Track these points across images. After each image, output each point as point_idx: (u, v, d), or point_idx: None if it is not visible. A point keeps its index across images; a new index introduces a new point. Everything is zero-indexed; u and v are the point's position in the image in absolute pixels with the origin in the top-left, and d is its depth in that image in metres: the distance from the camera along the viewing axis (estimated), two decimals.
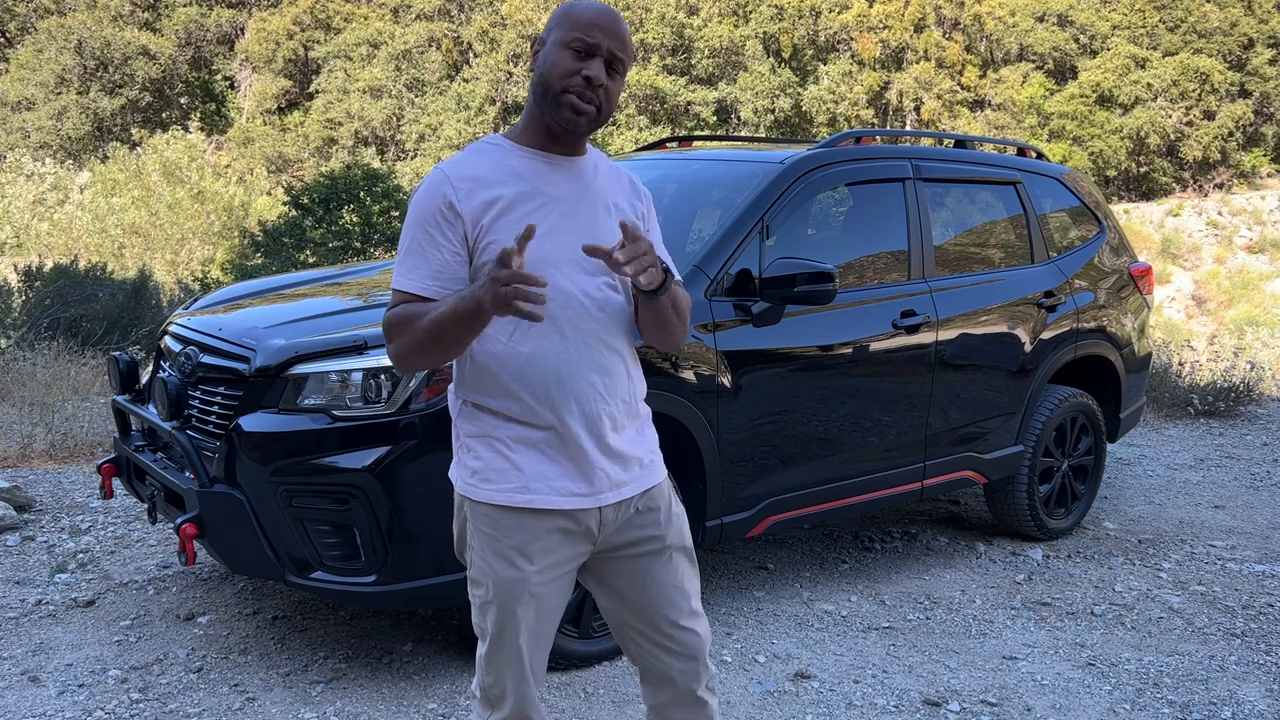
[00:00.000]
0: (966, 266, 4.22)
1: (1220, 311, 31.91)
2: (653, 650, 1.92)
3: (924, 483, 3.97)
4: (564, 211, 1.75)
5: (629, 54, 1.76)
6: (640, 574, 1.88)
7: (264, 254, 12.71)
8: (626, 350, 1.83)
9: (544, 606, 1.82)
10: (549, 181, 1.76)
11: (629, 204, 1.86)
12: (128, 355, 3.67)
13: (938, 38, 42.75)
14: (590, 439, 1.77)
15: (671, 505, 1.92)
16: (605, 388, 1.78)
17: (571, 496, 1.77)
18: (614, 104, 1.77)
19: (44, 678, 3.00)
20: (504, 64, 41.80)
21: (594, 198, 1.79)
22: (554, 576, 1.81)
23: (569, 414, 1.75)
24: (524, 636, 1.81)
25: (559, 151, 1.78)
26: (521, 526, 1.77)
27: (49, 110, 38.40)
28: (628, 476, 1.83)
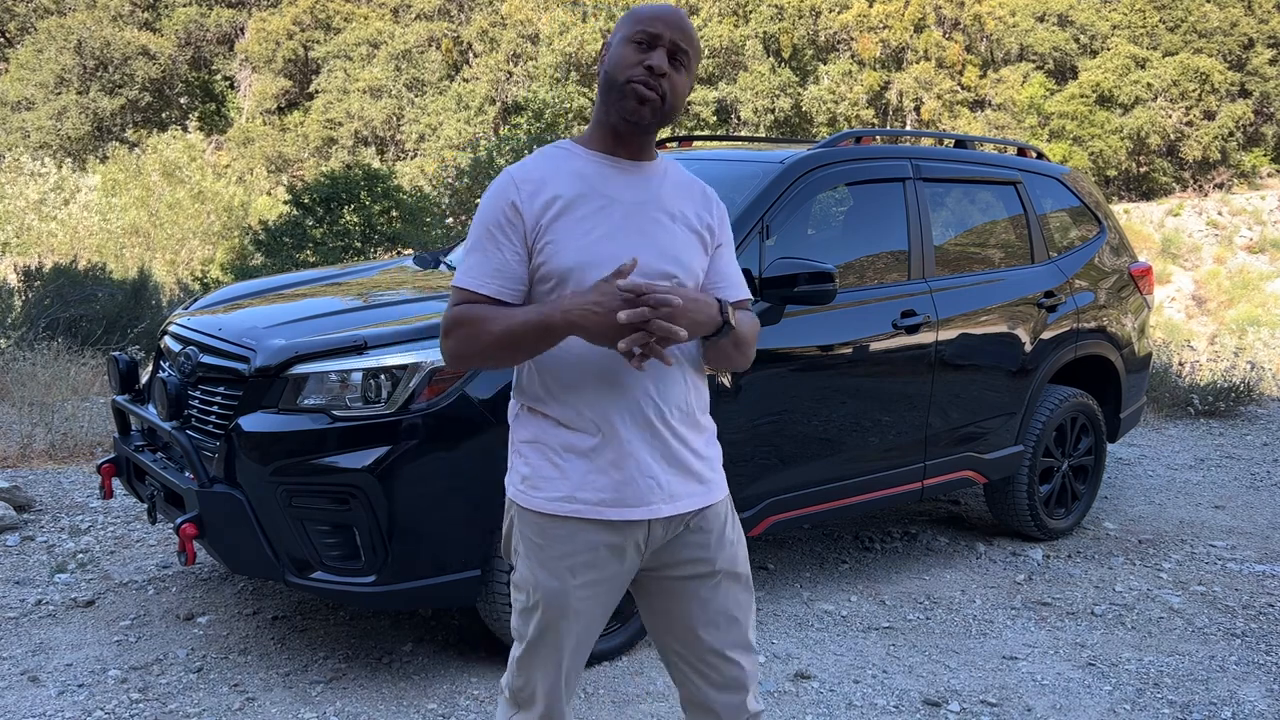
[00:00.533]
0: (967, 266, 4.22)
1: (1220, 311, 31.91)
2: (694, 678, 1.85)
3: (924, 483, 3.97)
4: (625, 214, 1.72)
5: (694, 48, 1.73)
6: (686, 597, 1.81)
7: (264, 253, 12.70)
8: (687, 357, 1.77)
9: (585, 619, 1.78)
10: (612, 184, 1.74)
11: (695, 214, 1.80)
12: (128, 355, 3.67)
13: (938, 38, 42.75)
14: (642, 447, 1.72)
15: (727, 529, 1.83)
16: (659, 394, 1.72)
17: (620, 508, 1.71)
18: (680, 97, 1.73)
19: (44, 678, 3.00)
20: (504, 64, 41.81)
21: (657, 204, 1.76)
22: (598, 591, 1.76)
23: (620, 420, 1.71)
24: (562, 646, 1.78)
25: (625, 155, 1.76)
26: (567, 537, 1.73)
27: (49, 110, 38.41)
28: (684, 490, 1.76)
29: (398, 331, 2.94)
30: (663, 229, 1.74)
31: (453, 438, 2.84)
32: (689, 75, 1.74)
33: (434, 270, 4.06)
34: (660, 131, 1.83)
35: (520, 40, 41.68)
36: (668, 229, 1.75)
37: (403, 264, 4.39)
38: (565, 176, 1.73)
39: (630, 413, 1.71)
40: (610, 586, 1.78)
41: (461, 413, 2.85)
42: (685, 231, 1.77)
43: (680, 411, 1.76)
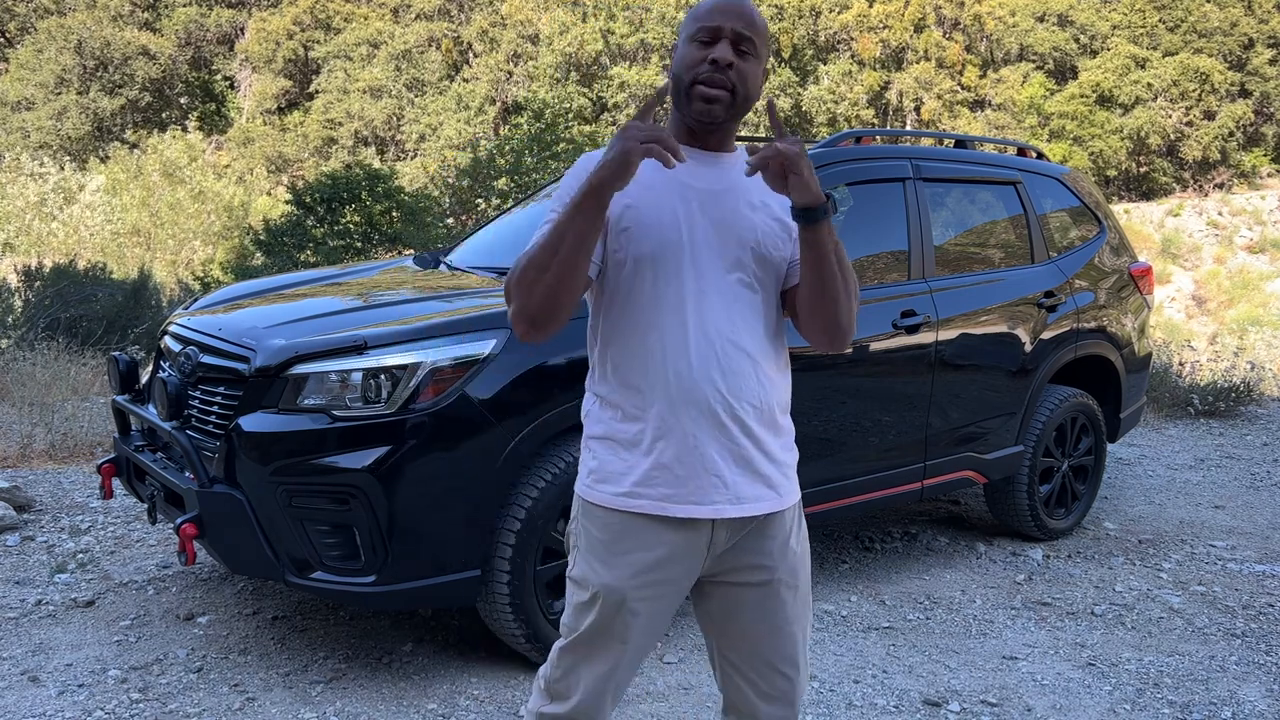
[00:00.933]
0: (967, 266, 4.22)
1: (1220, 311, 31.90)
2: (742, 685, 1.80)
3: (924, 483, 3.97)
4: (700, 203, 1.69)
5: (759, 34, 1.69)
6: (743, 604, 1.76)
7: (265, 253, 12.70)
8: (760, 352, 1.71)
9: (643, 620, 1.73)
10: (690, 174, 1.70)
11: (778, 202, 1.73)
12: (128, 355, 3.67)
13: (938, 38, 42.74)
14: (709, 444, 1.67)
15: (792, 539, 1.78)
16: (729, 389, 1.67)
17: (682, 505, 1.68)
18: (752, 85, 1.68)
19: (44, 678, 3.00)
20: (504, 64, 41.80)
21: (734, 192, 1.72)
22: (657, 592, 1.72)
23: (687, 415, 1.66)
24: (615, 645, 1.74)
25: (702, 147, 1.74)
26: (628, 534, 1.70)
27: (49, 110, 38.40)
28: (752, 492, 1.70)
29: (398, 331, 2.94)
30: (741, 217, 1.71)
31: (453, 438, 2.84)
32: (758, 61, 1.70)
33: (434, 270, 4.06)
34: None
35: (520, 40, 41.67)
36: (746, 217, 1.71)
37: (403, 264, 4.39)
38: (645, 165, 1.67)
39: (697, 407, 1.66)
40: (671, 589, 1.73)
41: (461, 413, 2.85)
42: (767, 220, 1.72)
43: (754, 409, 1.70)
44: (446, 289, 3.60)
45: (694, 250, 1.67)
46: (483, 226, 4.61)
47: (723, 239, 1.69)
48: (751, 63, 1.68)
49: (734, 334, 1.68)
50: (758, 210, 1.72)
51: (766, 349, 1.72)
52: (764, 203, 1.74)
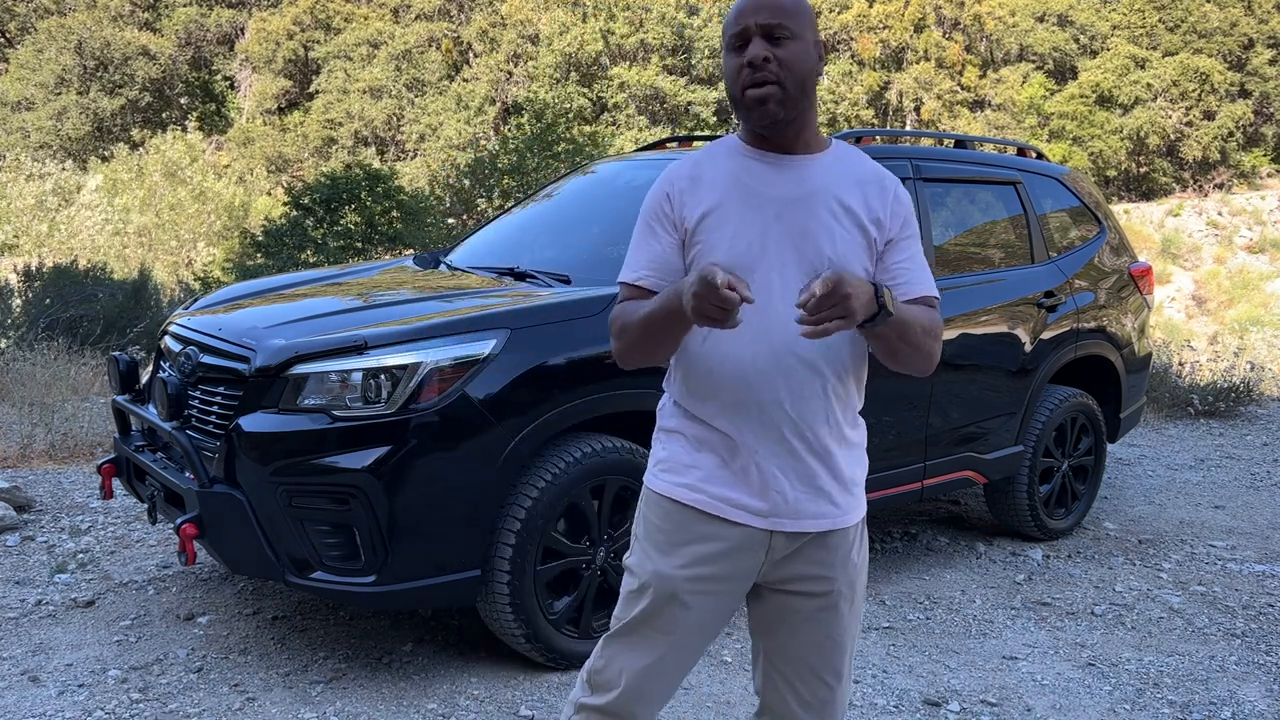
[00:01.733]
0: (966, 266, 4.22)
1: (1220, 311, 31.89)
2: (784, 690, 1.79)
3: (924, 483, 3.97)
4: (776, 213, 1.66)
5: (790, 15, 1.62)
6: (795, 614, 1.75)
7: (265, 254, 12.70)
8: (833, 368, 1.68)
9: (695, 616, 1.72)
10: (765, 182, 1.68)
11: (862, 204, 1.69)
12: (128, 355, 3.67)
13: (938, 38, 42.73)
14: (772, 461, 1.67)
15: (853, 552, 1.76)
16: (793, 405, 1.66)
17: (740, 510, 1.69)
18: (798, 68, 1.62)
19: (44, 678, 3.00)
20: (504, 64, 41.79)
21: (814, 198, 1.67)
22: (709, 588, 1.72)
23: (749, 426, 1.67)
24: (663, 637, 1.73)
25: (777, 150, 1.70)
26: (686, 525, 1.71)
27: (49, 110, 38.39)
28: (813, 509, 1.69)
29: (398, 331, 2.94)
30: (820, 226, 1.66)
31: (453, 438, 2.84)
32: (799, 41, 1.63)
33: (434, 270, 4.06)
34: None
35: (520, 40, 41.66)
36: (826, 226, 1.66)
37: (403, 264, 4.39)
38: (720, 175, 1.70)
39: (763, 426, 1.66)
40: (725, 587, 1.73)
41: (461, 413, 2.85)
42: (848, 228, 1.67)
43: (824, 427, 1.68)
44: (447, 289, 3.60)
45: (766, 262, 1.65)
46: (483, 226, 4.61)
47: (799, 250, 1.65)
48: (790, 45, 1.62)
49: (804, 349, 1.65)
50: (839, 218, 1.68)
51: (840, 364, 1.69)
52: (844, 206, 1.68)
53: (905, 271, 1.72)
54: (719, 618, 1.76)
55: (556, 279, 3.42)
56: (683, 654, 1.76)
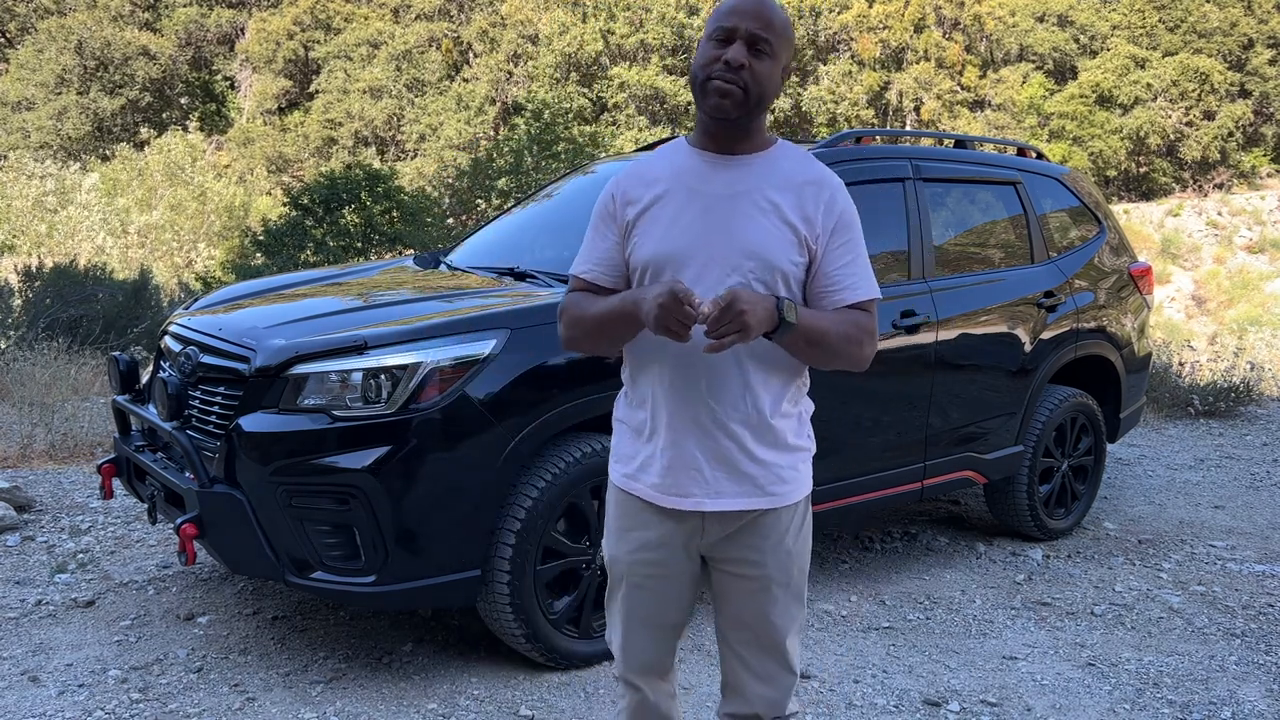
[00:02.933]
0: (966, 266, 4.22)
1: (1220, 311, 31.89)
2: (735, 664, 1.90)
3: (924, 483, 3.97)
4: (706, 207, 1.74)
5: (777, 35, 1.71)
6: (733, 592, 1.86)
7: (265, 254, 12.71)
8: (754, 358, 1.74)
9: (650, 596, 1.86)
10: (703, 179, 1.76)
11: (794, 202, 1.74)
12: (128, 355, 3.67)
13: (938, 38, 42.72)
14: (691, 443, 1.76)
15: (787, 539, 1.84)
16: (713, 394, 1.74)
17: (670, 496, 1.79)
18: (766, 85, 1.71)
19: (44, 678, 3.00)
20: (504, 64, 41.79)
21: (744, 196, 1.74)
22: (654, 571, 1.85)
23: (676, 414, 1.76)
24: (628, 614, 1.89)
25: (719, 149, 1.77)
26: (630, 513, 1.85)
27: (49, 110, 38.38)
28: (734, 489, 1.77)
29: (398, 331, 2.94)
30: (748, 220, 1.73)
31: (453, 438, 2.84)
32: (774, 61, 1.72)
33: (434, 270, 4.06)
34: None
35: (520, 40, 41.66)
36: (753, 220, 1.73)
37: (403, 264, 4.39)
38: (663, 173, 1.79)
39: (685, 408, 1.76)
40: (672, 570, 1.85)
41: (461, 413, 2.85)
42: (775, 223, 1.73)
43: (739, 414, 1.76)
44: (447, 289, 3.61)
45: (693, 256, 1.72)
46: (483, 226, 4.61)
47: (726, 245, 1.72)
48: (767, 63, 1.71)
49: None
50: (766, 214, 1.73)
51: (761, 356, 1.75)
52: (773, 203, 1.74)
53: (842, 277, 1.76)
54: (677, 595, 1.88)
55: (556, 279, 3.42)
56: (653, 631, 1.90)
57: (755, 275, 1.71)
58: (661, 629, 1.91)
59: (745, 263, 1.71)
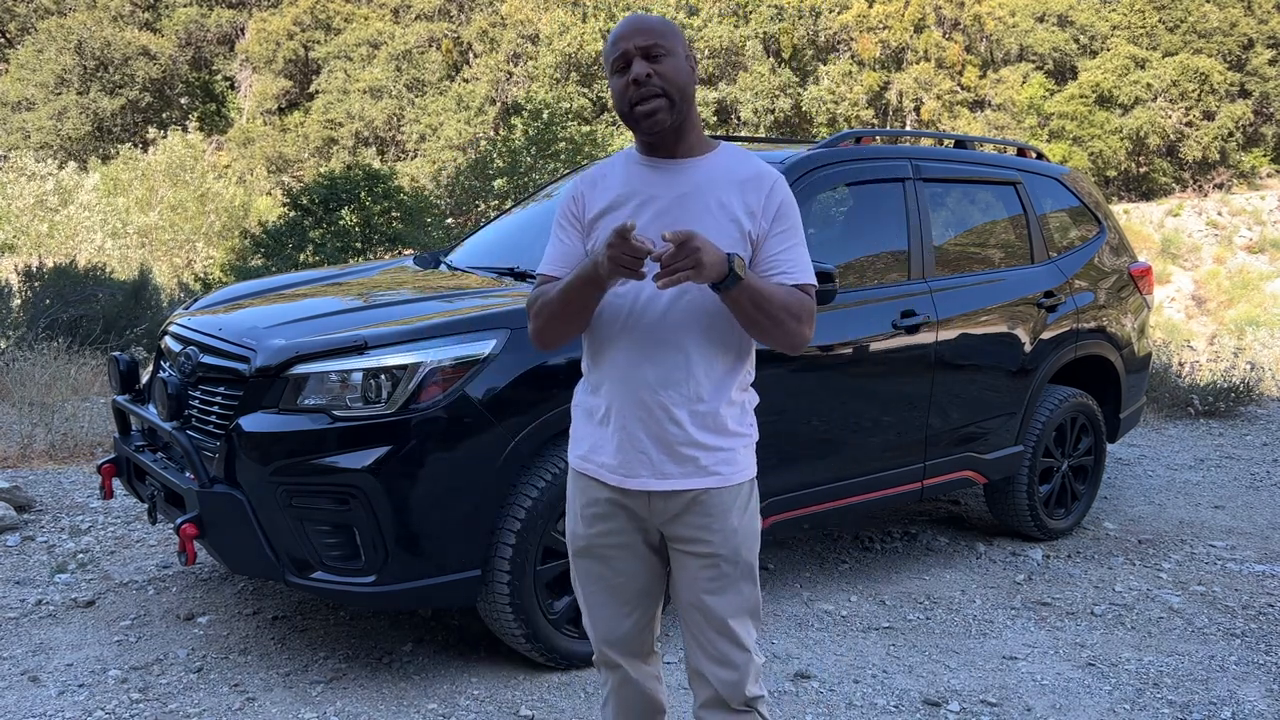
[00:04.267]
0: (966, 266, 4.22)
1: (1220, 311, 31.89)
2: (693, 645, 1.97)
3: (924, 483, 3.97)
4: (659, 211, 1.84)
5: (662, 35, 1.82)
6: (685, 571, 1.94)
7: (264, 254, 12.71)
8: (699, 348, 1.85)
9: (612, 569, 1.96)
10: (651, 185, 1.87)
11: (739, 200, 1.85)
12: (128, 355, 3.67)
13: (938, 38, 42.73)
14: (637, 425, 1.86)
15: (732, 517, 1.92)
16: (658, 380, 1.84)
17: (614, 474, 1.89)
18: (678, 80, 1.81)
19: (44, 678, 3.00)
20: (504, 64, 41.82)
21: (690, 197, 1.85)
22: (618, 544, 1.94)
23: (624, 399, 1.87)
24: (590, 590, 1.99)
25: (665, 155, 1.88)
26: (584, 490, 1.96)
27: (49, 110, 38.39)
28: (678, 470, 1.87)
29: (398, 331, 2.94)
30: (694, 219, 1.81)
31: (453, 438, 2.84)
32: (674, 56, 1.82)
33: (434, 270, 4.06)
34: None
35: (520, 40, 41.68)
36: (699, 219, 1.81)
37: (403, 264, 4.39)
38: (616, 180, 1.90)
39: (630, 392, 1.86)
40: (629, 545, 1.95)
41: (461, 413, 2.85)
42: (721, 221, 1.83)
43: (682, 399, 1.85)
44: (447, 289, 3.61)
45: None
46: (483, 226, 4.61)
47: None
48: (668, 61, 1.81)
49: (666, 332, 1.83)
50: (713, 213, 1.83)
51: (706, 345, 1.85)
52: (722, 204, 1.84)
53: (780, 260, 1.85)
54: (638, 568, 1.97)
55: None
56: (620, 600, 1.99)
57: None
58: (626, 600, 1.99)
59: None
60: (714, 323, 1.84)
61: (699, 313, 1.83)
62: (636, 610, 2.01)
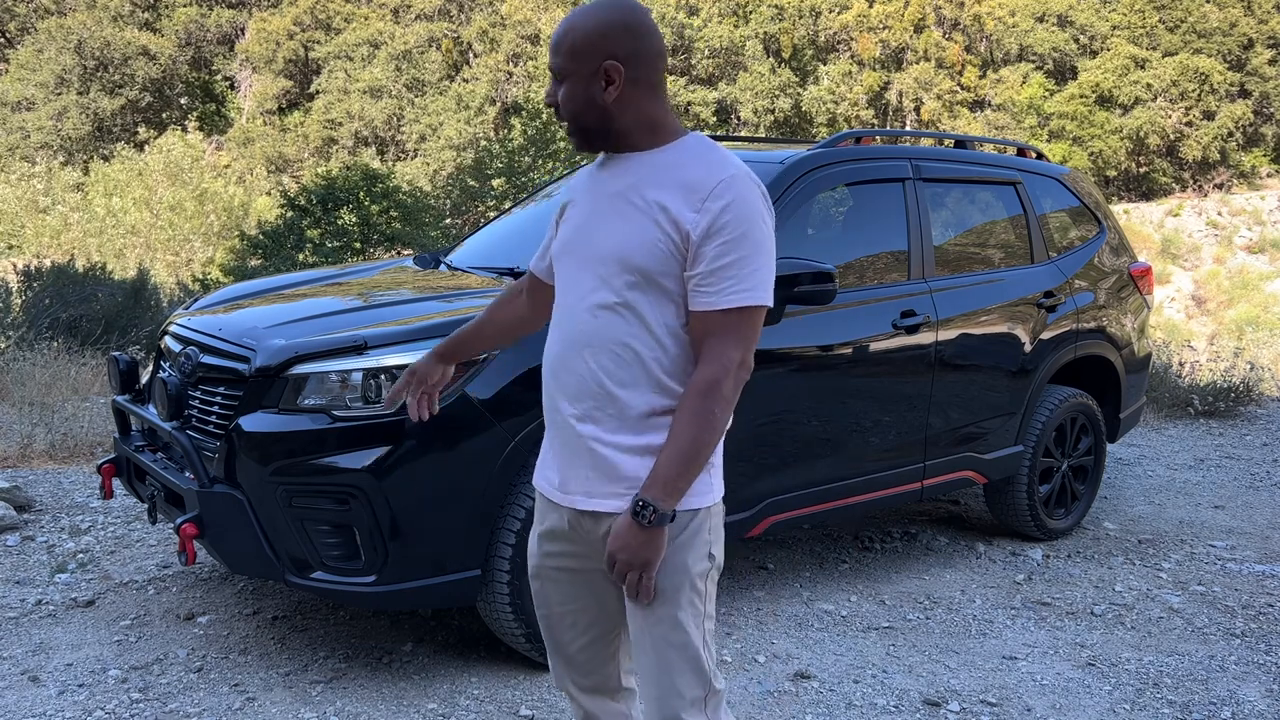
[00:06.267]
0: (966, 266, 4.22)
1: (1220, 311, 31.91)
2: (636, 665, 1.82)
3: (924, 483, 3.97)
4: (593, 207, 1.75)
5: (566, 52, 1.68)
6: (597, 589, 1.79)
7: (262, 255, 12.71)
8: (610, 358, 1.67)
9: (553, 595, 1.83)
10: (597, 180, 1.77)
11: (672, 204, 1.63)
12: (128, 355, 3.66)
13: (938, 38, 42.75)
14: (566, 439, 1.73)
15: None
16: (579, 390, 1.70)
17: (554, 491, 1.78)
18: (575, 106, 1.70)
19: (44, 678, 3.00)
20: (504, 64, 41.83)
21: (620, 194, 1.69)
22: (559, 563, 1.81)
23: (555, 410, 1.76)
24: (543, 610, 1.87)
25: (610, 150, 1.77)
26: (540, 509, 1.84)
27: (49, 110, 38.40)
28: (607, 490, 1.68)
29: (398, 332, 2.94)
30: (620, 218, 1.68)
31: (453, 438, 2.84)
32: (573, 78, 1.68)
33: (434, 270, 4.06)
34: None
35: (520, 40, 41.69)
36: (625, 217, 1.67)
37: (403, 264, 4.39)
38: (580, 178, 1.85)
39: (560, 409, 1.74)
40: (574, 564, 1.79)
41: (461, 413, 2.85)
42: (645, 222, 1.64)
43: (609, 412, 1.68)
44: (446, 289, 3.61)
45: (573, 252, 1.76)
46: (483, 227, 4.61)
47: (595, 245, 1.71)
48: (566, 84, 1.70)
49: (591, 339, 1.69)
50: (640, 210, 1.66)
51: (618, 355, 1.66)
52: (650, 202, 1.65)
53: (711, 279, 1.61)
54: (586, 593, 1.80)
55: None
56: (572, 628, 1.84)
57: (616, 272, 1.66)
58: (580, 630, 1.83)
59: (608, 263, 1.67)
60: (638, 327, 1.68)
61: (623, 314, 1.68)
62: (596, 642, 1.86)
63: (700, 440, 1.61)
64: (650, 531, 1.60)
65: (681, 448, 1.60)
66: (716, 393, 1.61)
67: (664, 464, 1.61)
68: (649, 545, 1.61)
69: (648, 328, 1.66)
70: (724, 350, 1.62)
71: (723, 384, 1.61)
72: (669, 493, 1.60)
